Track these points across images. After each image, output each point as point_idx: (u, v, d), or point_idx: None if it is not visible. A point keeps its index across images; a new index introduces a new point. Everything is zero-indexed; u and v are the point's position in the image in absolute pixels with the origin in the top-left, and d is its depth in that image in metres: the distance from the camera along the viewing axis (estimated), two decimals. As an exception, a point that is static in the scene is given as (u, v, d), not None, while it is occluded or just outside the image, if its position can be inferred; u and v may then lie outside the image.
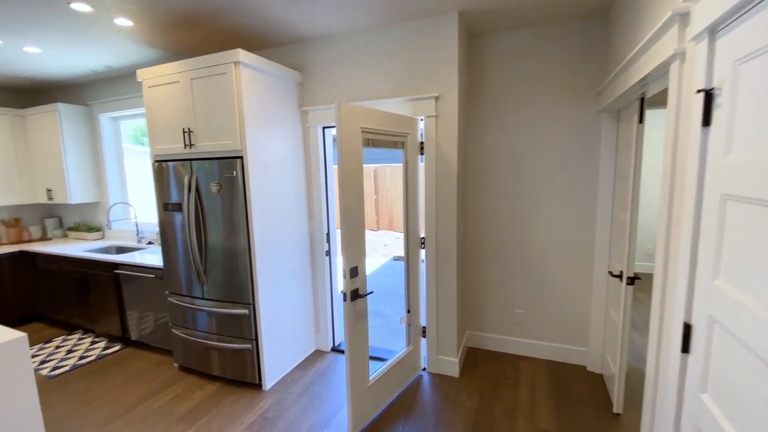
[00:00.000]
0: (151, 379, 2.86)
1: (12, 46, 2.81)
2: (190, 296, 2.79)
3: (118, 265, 3.26)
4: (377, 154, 10.24)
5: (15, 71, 3.50)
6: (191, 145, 2.62)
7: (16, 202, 4.05)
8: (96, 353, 3.27)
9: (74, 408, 2.52)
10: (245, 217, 2.51)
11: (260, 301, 2.59)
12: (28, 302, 3.94)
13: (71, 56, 3.11)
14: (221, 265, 2.63)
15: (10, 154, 3.98)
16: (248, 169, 2.46)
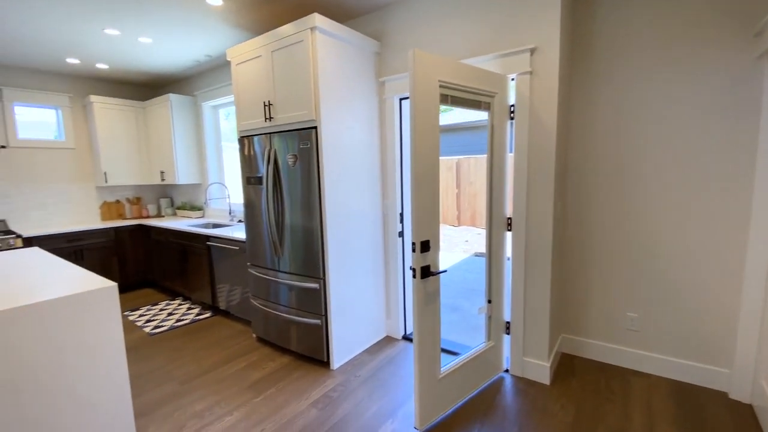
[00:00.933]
0: (231, 345, 2.99)
1: (129, 36, 3.18)
2: (267, 268, 2.84)
3: (210, 238, 3.51)
4: (460, 145, 9.80)
5: (136, 65, 4.01)
6: (270, 118, 2.64)
7: (138, 183, 4.68)
8: (190, 318, 3.56)
9: (165, 363, 2.74)
10: (318, 189, 2.44)
11: (330, 276, 2.50)
12: (144, 269, 4.53)
13: (176, 45, 3.42)
14: (295, 237, 2.61)
15: (133, 141, 4.61)
16: (322, 140, 2.38)
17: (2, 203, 3.89)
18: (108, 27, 2.97)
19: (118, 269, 4.29)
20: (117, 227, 4.27)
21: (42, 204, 4.16)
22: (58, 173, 4.27)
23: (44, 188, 4.17)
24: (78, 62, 3.82)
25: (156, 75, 4.39)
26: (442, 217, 9.50)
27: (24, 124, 4.06)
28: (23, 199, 4.03)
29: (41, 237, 3.73)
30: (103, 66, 3.98)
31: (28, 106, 4.08)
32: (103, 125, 4.32)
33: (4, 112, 3.87)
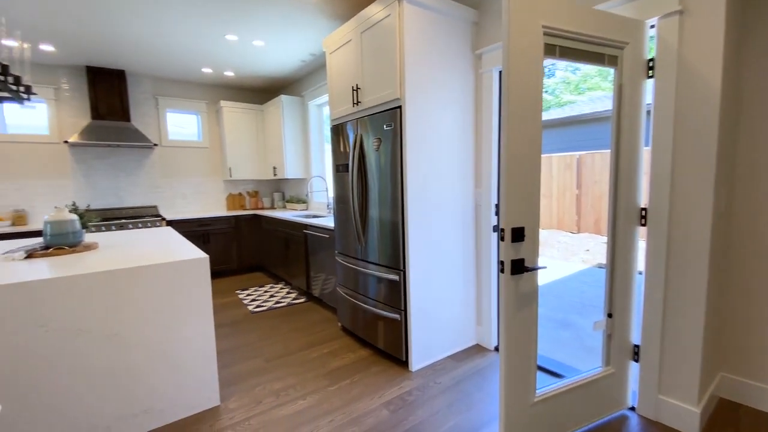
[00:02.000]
0: (318, 331, 3.02)
1: (245, 41, 3.52)
2: (352, 257, 2.78)
3: (306, 227, 3.66)
4: (582, 139, 8.56)
5: (254, 70, 4.46)
6: (358, 102, 2.58)
7: (255, 177, 5.23)
8: (287, 302, 3.77)
9: (258, 339, 2.90)
10: (399, 174, 2.26)
11: (411, 268, 2.29)
12: (257, 255, 5.02)
13: (284, 45, 3.67)
14: (377, 225, 2.48)
15: (253, 141, 5.16)
16: (405, 119, 2.20)
17: (155, 192, 4.76)
18: (228, 33, 3.33)
19: (236, 252, 4.84)
20: (237, 216, 4.83)
21: (183, 194, 4.96)
22: (196, 168, 5.05)
23: (185, 181, 4.97)
24: (211, 71, 4.43)
25: (272, 79, 4.84)
26: (558, 221, 8.40)
27: (172, 127, 4.90)
28: (170, 189, 4.87)
29: (179, 220, 4.43)
30: (230, 73, 4.54)
31: (176, 113, 4.92)
32: (229, 127, 4.95)
33: (159, 117, 4.74)
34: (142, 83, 4.59)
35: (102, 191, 4.41)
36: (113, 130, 4.14)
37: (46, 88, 4.00)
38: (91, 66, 4.09)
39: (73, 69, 4.14)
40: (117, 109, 4.25)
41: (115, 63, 4.07)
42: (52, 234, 2.15)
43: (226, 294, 4.10)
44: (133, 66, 4.18)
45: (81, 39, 3.36)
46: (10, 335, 1.52)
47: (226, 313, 3.48)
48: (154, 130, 4.71)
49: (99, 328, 1.70)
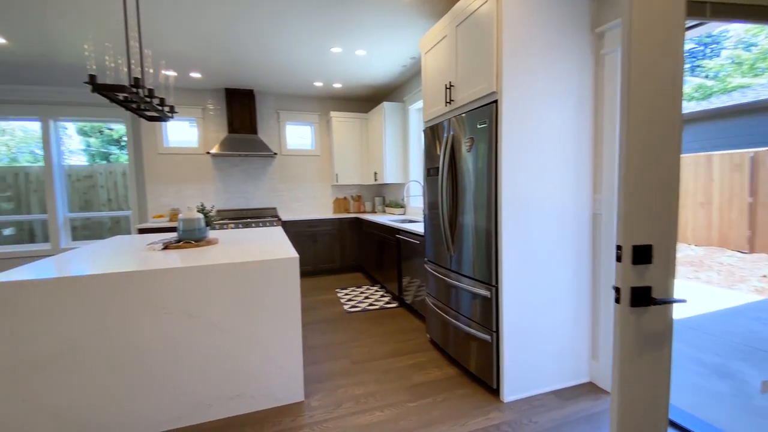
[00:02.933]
0: (405, 340, 2.93)
1: (348, 52, 3.67)
2: (440, 265, 2.62)
3: (399, 231, 3.62)
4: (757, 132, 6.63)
5: (359, 79, 4.64)
6: (450, 101, 2.41)
7: (359, 183, 5.45)
8: (380, 305, 3.78)
9: (347, 339, 2.95)
10: (494, 176, 2.01)
11: (504, 284, 2.02)
12: (357, 256, 5.21)
13: (384, 51, 3.71)
14: (468, 234, 2.27)
15: (357, 148, 5.39)
16: (502, 115, 1.95)
17: (275, 196, 5.35)
18: (333, 46, 3.52)
19: (339, 253, 5.11)
20: (341, 218, 5.10)
21: (297, 197, 5.47)
22: (308, 175, 5.51)
23: (299, 186, 5.47)
24: (321, 84, 4.79)
25: (376, 87, 4.99)
26: (720, 237, 6.67)
27: (290, 138, 5.45)
28: (287, 193, 5.42)
29: (292, 221, 4.88)
30: (338, 85, 4.83)
31: (294, 124, 5.46)
32: (337, 135, 5.27)
33: (280, 129, 5.32)
34: (267, 100, 5.23)
35: (234, 194, 5.16)
36: (243, 141, 4.80)
37: (195, 109, 4.88)
38: (229, 88, 4.82)
39: (215, 91, 4.96)
40: (247, 124, 4.93)
41: (246, 84, 4.72)
42: (183, 230, 2.54)
43: (327, 291, 4.34)
44: (260, 85, 4.79)
45: (221, 65, 3.98)
46: (139, 314, 1.81)
47: (324, 310, 3.66)
48: (275, 141, 5.31)
49: (205, 315, 1.91)
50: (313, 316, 3.51)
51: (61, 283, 1.69)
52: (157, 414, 1.86)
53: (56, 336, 1.70)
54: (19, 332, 1.65)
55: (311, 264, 5.00)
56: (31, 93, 4.49)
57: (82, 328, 1.73)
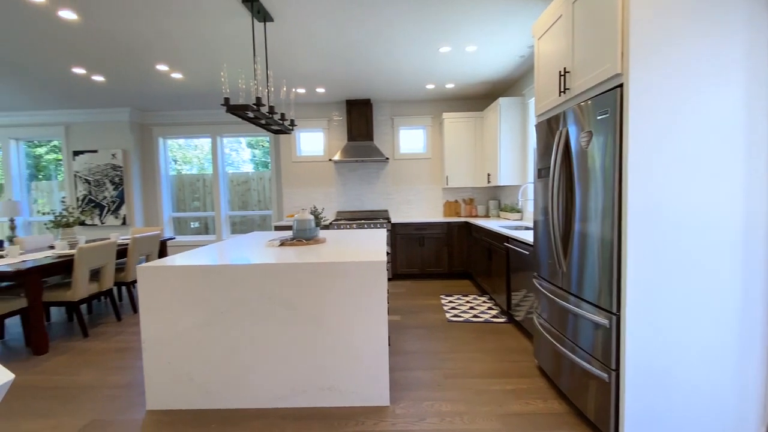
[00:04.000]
0: (507, 360, 2.64)
1: (457, 49, 3.53)
2: (549, 282, 2.27)
3: (508, 239, 3.30)
4: None
5: (472, 77, 4.42)
6: (565, 90, 2.07)
7: (470, 185, 5.21)
8: (486, 318, 3.52)
9: (445, 350, 2.82)
10: (616, 178, 1.63)
11: (628, 312, 1.62)
12: (465, 262, 4.99)
13: (497, 43, 3.44)
14: (582, 246, 1.90)
15: (471, 148, 5.16)
16: (628, 101, 1.57)
17: (387, 199, 5.55)
18: (441, 46, 3.45)
19: (447, 257, 4.98)
20: (449, 222, 4.96)
21: (408, 200, 5.56)
22: (420, 177, 5.54)
23: (410, 189, 5.55)
24: (433, 86, 4.74)
25: (491, 83, 4.69)
26: None
27: (403, 142, 5.57)
28: (398, 196, 5.55)
29: (401, 224, 4.97)
30: (451, 85, 4.72)
31: (407, 129, 5.56)
32: (449, 137, 5.15)
33: (394, 134, 5.49)
34: (383, 108, 5.47)
35: (351, 197, 5.55)
36: (360, 148, 5.12)
37: (321, 120, 5.43)
38: (349, 99, 5.22)
39: (338, 104, 5.43)
40: (363, 131, 5.24)
41: (364, 94, 5.03)
42: (297, 229, 2.83)
43: (431, 296, 4.27)
44: (376, 94, 5.04)
45: (342, 79, 4.33)
46: (251, 301, 2.08)
47: (425, 316, 3.61)
48: (389, 146, 5.51)
49: (304, 307, 2.08)
50: (413, 321, 3.49)
51: (196, 271, 2.07)
52: (263, 391, 2.11)
53: (191, 314, 2.08)
54: (171, 306, 2.08)
55: (418, 267, 5.00)
56: (203, 116, 5.71)
57: (210, 309, 2.08)
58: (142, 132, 5.82)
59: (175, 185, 6.12)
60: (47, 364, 2.72)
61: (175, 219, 6.12)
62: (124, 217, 5.64)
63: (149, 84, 4.33)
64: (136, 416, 2.06)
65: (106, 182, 5.61)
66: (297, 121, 5.45)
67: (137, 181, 5.72)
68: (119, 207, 5.63)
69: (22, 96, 4.71)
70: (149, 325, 2.10)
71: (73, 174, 5.64)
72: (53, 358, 2.81)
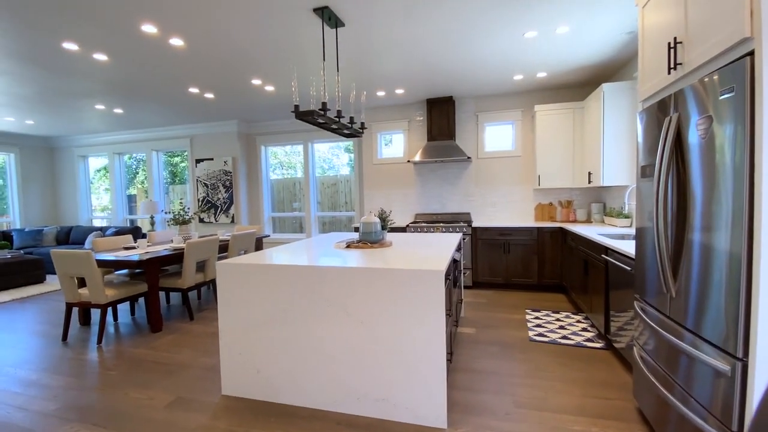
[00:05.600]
0: (599, 397, 2.21)
1: (546, 33, 3.11)
2: (654, 307, 1.82)
3: (607, 250, 2.79)
4: None
5: (566, 62, 3.87)
6: (676, 66, 1.62)
7: (567, 185, 4.59)
8: (577, 340, 3.04)
9: (521, 373, 2.50)
10: (746, 176, 1.20)
11: (758, 357, 1.17)
12: (558, 274, 4.41)
13: (595, 22, 2.94)
14: (696, 265, 1.46)
15: (568, 144, 4.54)
16: (761, 71, 1.13)
17: (469, 201, 5.23)
18: (526, 31, 3.08)
19: (537, 267, 4.48)
20: (540, 227, 4.45)
21: (493, 203, 5.16)
22: (507, 177, 5.10)
23: (496, 190, 5.14)
24: (522, 77, 4.30)
25: (591, 68, 4.05)
26: None
27: (489, 140, 5.19)
28: (481, 198, 5.20)
29: (482, 228, 4.63)
30: (542, 74, 4.22)
31: (494, 125, 5.17)
32: (542, 131, 4.62)
33: (478, 132, 5.15)
34: (466, 104, 5.18)
35: (431, 198, 5.40)
36: (441, 148, 4.93)
37: (401, 122, 5.40)
38: (429, 98, 5.07)
39: (418, 103, 5.32)
40: (444, 130, 5.04)
41: (444, 92, 4.83)
42: (363, 232, 2.82)
43: (515, 310, 3.86)
44: (458, 90, 4.79)
45: (421, 78, 4.23)
46: (310, 303, 2.12)
47: (503, 332, 3.27)
48: (472, 145, 5.20)
49: (356, 313, 2.04)
50: (488, 336, 3.19)
51: (261, 269, 2.19)
52: (321, 393, 2.13)
53: (257, 309, 2.21)
54: (242, 301, 2.25)
55: (502, 276, 4.59)
56: (297, 124, 6.18)
57: (273, 306, 2.18)
58: (248, 141, 6.57)
59: (275, 188, 6.74)
60: (159, 341, 3.22)
61: (273, 218, 6.76)
62: (232, 216, 6.44)
63: (249, 97, 4.85)
64: (212, 399, 2.27)
65: (220, 186, 6.48)
66: (377, 124, 5.52)
67: (243, 185, 6.48)
68: (229, 207, 6.45)
69: (156, 115, 5.72)
70: (225, 317, 2.30)
71: (196, 179, 6.65)
72: (164, 337, 3.32)
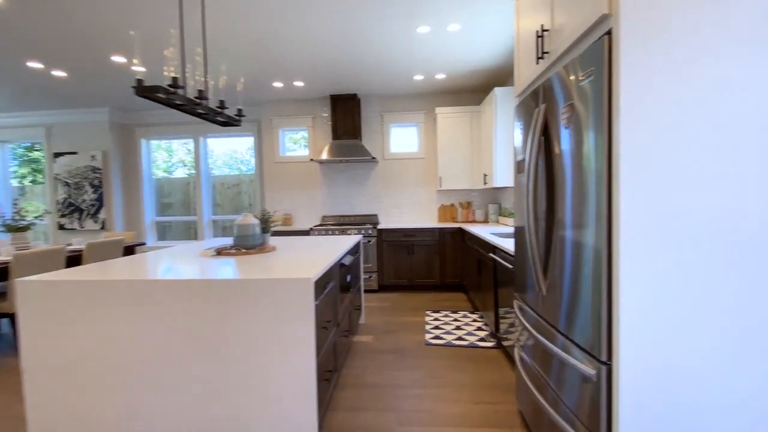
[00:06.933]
0: (484, 402, 2.13)
1: (437, 29, 3.06)
2: (529, 306, 1.76)
3: (495, 248, 2.79)
4: None
5: (462, 64, 3.93)
6: (543, 56, 1.58)
7: (466, 187, 4.69)
8: (471, 340, 3.00)
9: (412, 382, 2.33)
10: (604, 167, 1.13)
11: (622, 361, 1.11)
12: (459, 273, 4.46)
13: (486, 23, 2.96)
14: (564, 263, 1.40)
15: (466, 146, 4.65)
16: (618, 50, 1.07)
17: (377, 202, 5.09)
18: (418, 25, 2.99)
19: (439, 268, 4.47)
20: (441, 228, 4.46)
21: (398, 204, 5.08)
22: (412, 179, 5.06)
23: (401, 191, 5.08)
24: (422, 77, 4.28)
25: (486, 72, 4.18)
26: None
27: (394, 140, 5.12)
28: (389, 199, 5.09)
29: (387, 230, 4.50)
30: (441, 75, 4.24)
31: (399, 126, 5.10)
32: (443, 134, 4.66)
33: (384, 132, 5.04)
34: (371, 103, 5.04)
35: (339, 200, 5.13)
36: (346, 147, 4.69)
37: (305, 118, 5.05)
38: (333, 94, 4.81)
39: (322, 99, 5.03)
40: (350, 129, 4.82)
41: (348, 89, 4.62)
42: (238, 235, 2.41)
43: (416, 312, 3.76)
44: (362, 88, 4.62)
45: (321, 71, 3.94)
46: (140, 327, 1.67)
47: (402, 337, 3.12)
48: (378, 145, 5.07)
49: (206, 335, 1.65)
50: (386, 343, 3.00)
51: (85, 287, 1.68)
52: None
53: (78, 337, 1.69)
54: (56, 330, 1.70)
55: (406, 278, 4.51)
56: (183, 115, 5.43)
57: (101, 331, 1.68)
58: (124, 133, 5.59)
59: (165, 189, 5.84)
60: (-47, 388, 2.40)
61: (159, 223, 5.85)
62: (103, 221, 5.41)
63: (115, 79, 4.06)
64: (4, 466, 1.67)
65: (86, 185, 5.40)
66: (279, 119, 5.09)
67: (117, 184, 5.49)
68: (98, 211, 5.41)
69: (-5, 96, 4.54)
70: (32, 353, 1.72)
71: (54, 176, 5.46)
72: (-36, 381, 2.49)
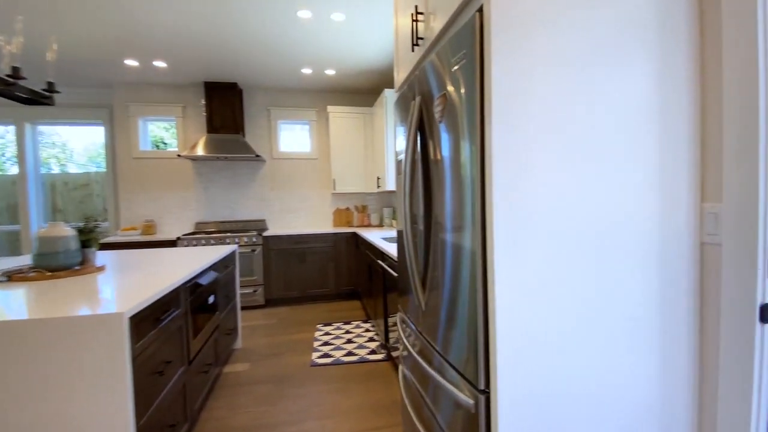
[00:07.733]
0: (372, 422, 1.90)
1: (320, 16, 2.79)
2: (411, 321, 1.59)
3: (383, 254, 2.62)
4: None
5: (352, 60, 3.74)
6: (418, 42, 1.42)
7: (360, 191, 4.52)
8: (361, 355, 2.78)
9: (287, 419, 1.98)
10: (477, 163, 0.98)
11: (500, 392, 0.96)
12: (354, 280, 4.25)
13: (372, 13, 2.79)
14: (443, 276, 1.23)
15: (360, 149, 4.48)
16: (491, 31, 0.92)
17: (265, 206, 4.59)
18: (298, 8, 2.67)
19: (334, 276, 4.20)
20: (335, 233, 4.19)
21: (290, 208, 4.67)
22: (304, 181, 4.70)
23: (293, 194, 4.67)
24: (311, 71, 3.97)
25: (378, 72, 4.07)
26: None
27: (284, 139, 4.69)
28: (279, 202, 4.63)
29: (275, 236, 4.06)
30: (331, 71, 3.99)
31: (288, 123, 4.69)
32: (336, 134, 4.41)
33: (271, 129, 4.58)
34: (256, 96, 4.53)
35: (217, 203, 4.48)
36: (225, 142, 4.10)
37: (174, 107, 4.29)
38: (208, 81, 4.17)
39: (195, 86, 4.34)
40: (230, 122, 4.23)
41: (226, 77, 4.05)
42: (38, 254, 1.76)
43: (305, 327, 3.42)
44: (243, 78, 4.09)
45: (188, 52, 3.31)
46: None
47: (284, 361, 2.74)
48: (266, 143, 4.58)
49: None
50: (265, 371, 2.59)
51: None
52: None
53: None
54: None
55: (298, 289, 4.12)
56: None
57: None
58: None
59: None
60: None
61: (-41, 236, 4.36)
62: None
63: None
64: None
65: None
66: (137, 106, 4.22)
67: None
68: None
69: None
70: None
71: None
72: None
